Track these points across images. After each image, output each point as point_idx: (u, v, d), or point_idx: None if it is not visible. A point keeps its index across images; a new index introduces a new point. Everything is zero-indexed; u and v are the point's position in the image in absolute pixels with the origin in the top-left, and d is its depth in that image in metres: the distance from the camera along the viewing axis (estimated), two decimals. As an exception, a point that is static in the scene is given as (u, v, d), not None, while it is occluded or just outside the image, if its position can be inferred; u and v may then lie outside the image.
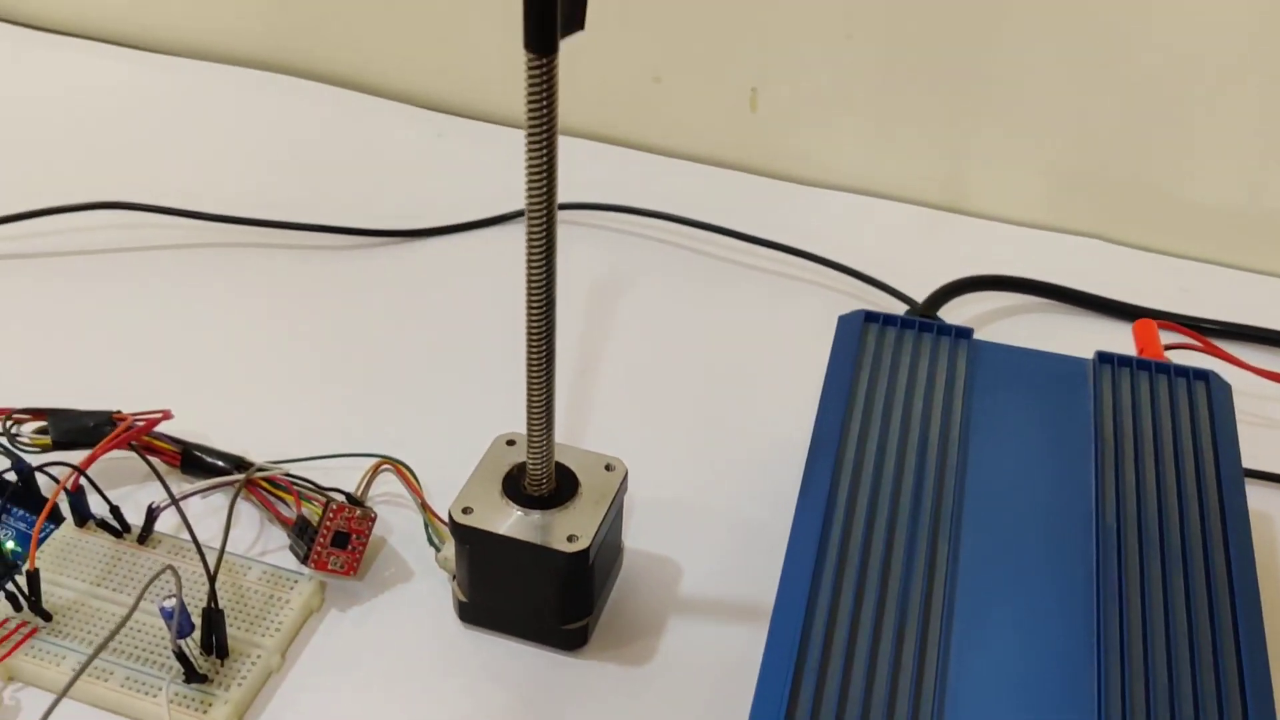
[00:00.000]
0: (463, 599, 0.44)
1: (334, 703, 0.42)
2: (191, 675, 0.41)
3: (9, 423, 0.48)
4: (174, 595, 0.40)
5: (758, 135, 0.68)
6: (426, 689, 0.42)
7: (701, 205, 0.64)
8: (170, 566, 0.40)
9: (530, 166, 0.35)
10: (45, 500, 0.46)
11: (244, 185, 0.65)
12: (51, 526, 0.46)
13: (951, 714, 0.35)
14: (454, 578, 0.44)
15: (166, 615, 0.39)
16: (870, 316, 0.48)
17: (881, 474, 0.42)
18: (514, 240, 0.63)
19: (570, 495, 0.42)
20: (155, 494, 0.46)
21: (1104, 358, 0.47)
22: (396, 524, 0.48)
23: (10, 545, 0.45)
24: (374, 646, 0.44)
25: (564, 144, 0.36)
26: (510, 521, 0.41)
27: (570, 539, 0.41)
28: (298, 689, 0.42)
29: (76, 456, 0.45)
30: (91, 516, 0.46)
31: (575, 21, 0.34)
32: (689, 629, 0.45)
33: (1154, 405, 0.45)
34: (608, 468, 0.44)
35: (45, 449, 0.47)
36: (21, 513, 0.47)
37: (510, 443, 0.44)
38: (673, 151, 0.70)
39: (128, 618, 0.41)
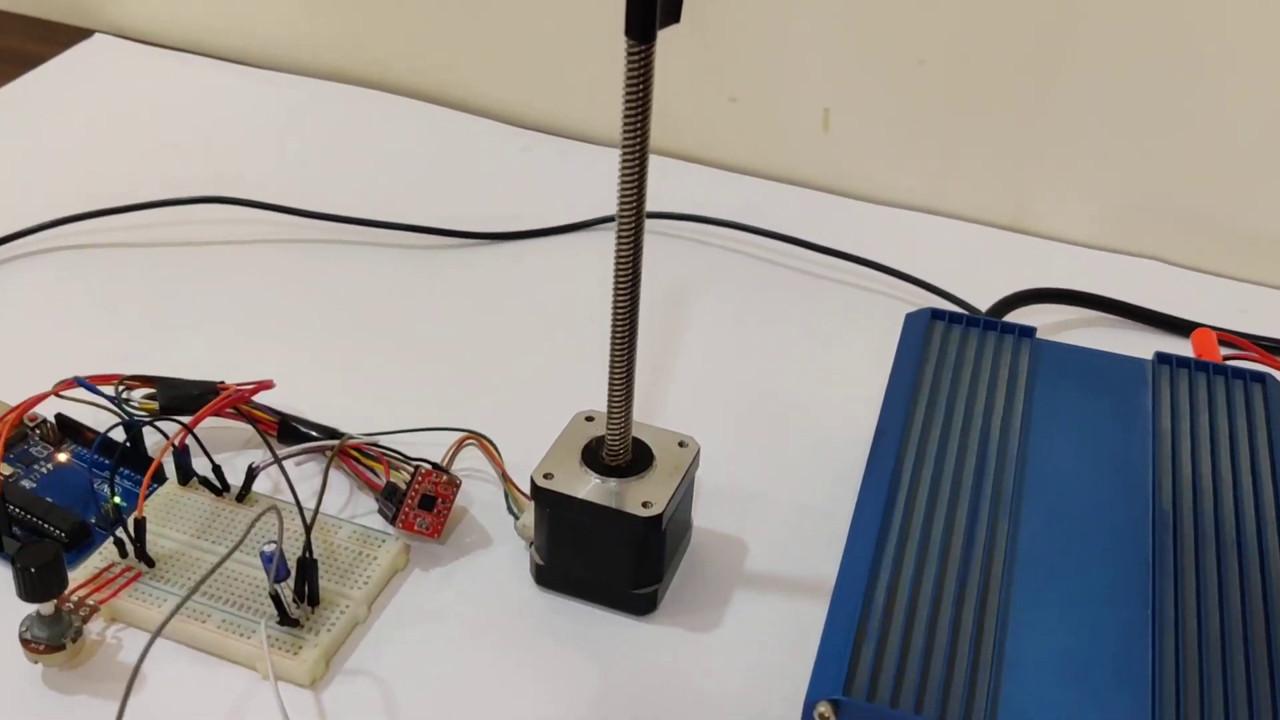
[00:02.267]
0: (540, 563, 0.46)
1: (414, 654, 0.44)
2: (284, 618, 0.43)
3: (120, 388, 0.51)
4: (274, 541, 0.42)
5: (829, 154, 0.71)
6: (503, 646, 0.45)
7: (772, 219, 0.67)
8: (274, 507, 0.43)
9: (625, 146, 0.38)
10: (151, 461, 0.50)
11: (344, 190, 0.69)
12: (156, 486, 0.50)
13: (1008, 687, 0.37)
14: (531, 544, 0.47)
15: (266, 559, 0.42)
16: (936, 314, 0.50)
17: (944, 460, 0.44)
18: (595, 245, 0.67)
19: (645, 467, 0.45)
20: (254, 459, 0.49)
21: (1163, 358, 0.48)
22: (478, 496, 0.51)
23: (118, 500, 0.48)
24: (454, 605, 0.46)
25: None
26: (588, 488, 0.44)
27: (645, 505, 0.43)
28: (381, 640, 0.45)
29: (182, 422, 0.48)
30: (194, 475, 0.49)
31: (672, 14, 0.37)
32: (753, 601, 0.47)
33: (1211, 404, 0.47)
34: (681, 444, 0.46)
35: (153, 415, 0.51)
36: (130, 473, 0.50)
37: (589, 419, 0.47)
38: (746, 169, 0.73)
39: (231, 553, 0.43)
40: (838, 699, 0.35)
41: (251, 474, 0.48)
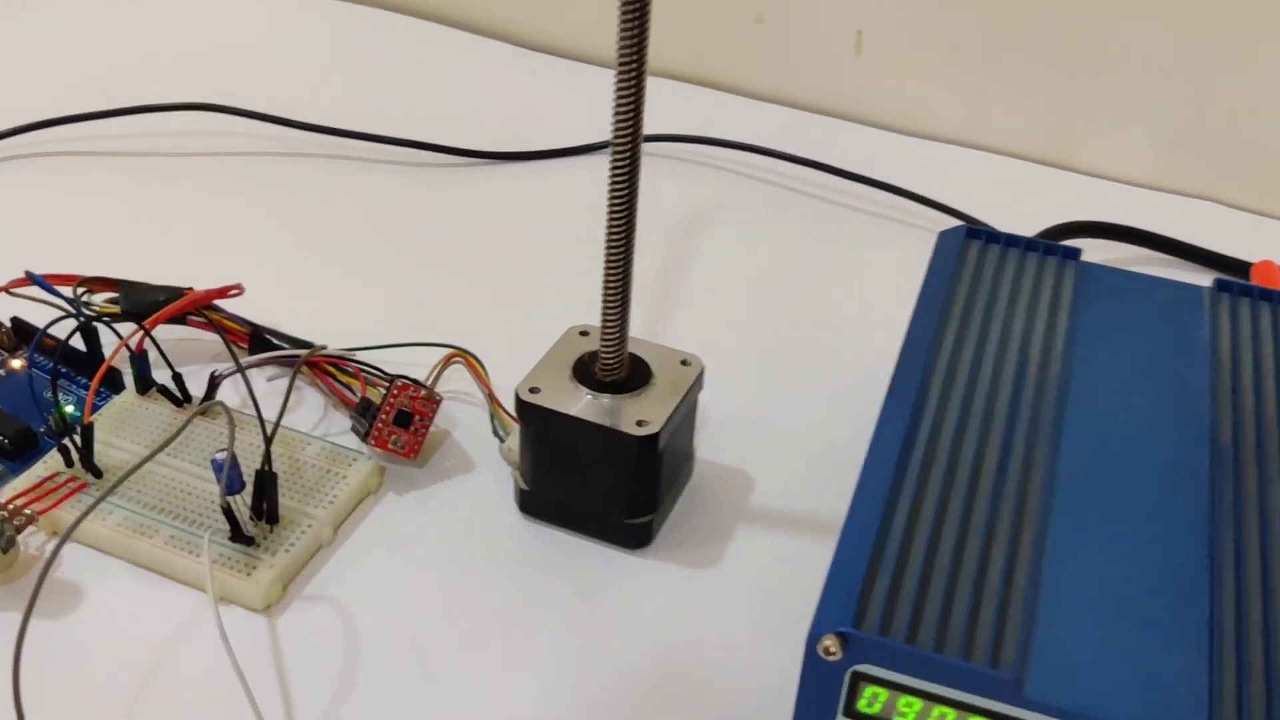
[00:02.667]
0: (524, 488, 0.42)
1: (383, 581, 0.40)
2: (237, 534, 0.39)
3: (80, 290, 0.47)
4: (226, 449, 0.38)
5: (861, 81, 0.66)
6: (480, 577, 0.40)
7: (797, 147, 0.62)
8: (226, 411, 0.38)
9: (622, 36, 0.34)
10: (113, 368, 0.46)
11: (342, 106, 0.65)
12: (111, 394, 0.46)
13: (1043, 626, 0.32)
14: (517, 469, 0.42)
15: (217, 467, 0.38)
16: (973, 232, 0.46)
17: (976, 382, 0.40)
18: (601, 169, 0.62)
19: (642, 384, 0.40)
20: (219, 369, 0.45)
21: (1223, 285, 0.44)
22: (462, 419, 0.46)
23: (70, 409, 0.44)
24: (429, 532, 0.42)
25: (660, 85, 0.35)
26: (579, 404, 0.40)
27: (640, 424, 0.39)
28: (346, 564, 0.41)
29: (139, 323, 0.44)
30: (154, 384, 0.45)
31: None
32: (757, 538, 0.42)
33: (1276, 333, 0.42)
34: (684, 363, 0.42)
35: (115, 319, 0.47)
36: (87, 382, 0.46)
37: (583, 333, 0.43)
38: (772, 97, 0.68)
39: (157, 452, 0.39)
40: (846, 632, 0.31)
41: (214, 382, 0.44)
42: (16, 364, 0.47)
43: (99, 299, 0.47)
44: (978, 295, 0.43)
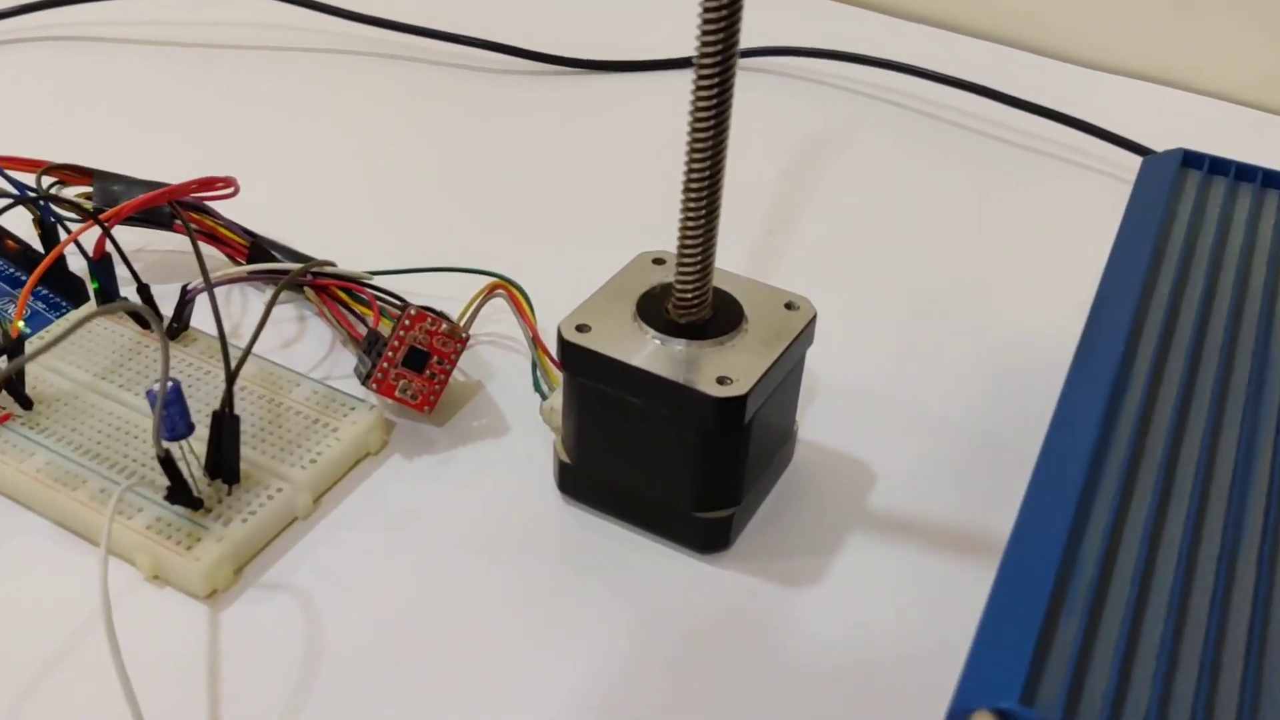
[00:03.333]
0: (566, 461, 0.32)
1: (371, 570, 0.30)
2: (180, 496, 0.29)
3: (52, 182, 0.38)
4: (170, 380, 0.29)
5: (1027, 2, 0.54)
6: (500, 575, 0.30)
7: (945, 71, 0.51)
8: (151, 307, 0.29)
9: None
10: (76, 279, 0.37)
11: (404, 2, 0.55)
12: (68, 306, 0.37)
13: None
14: (560, 436, 0.32)
15: (152, 400, 0.28)
16: (1191, 158, 0.34)
17: (1200, 352, 0.28)
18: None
19: (730, 329, 0.30)
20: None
21: None
22: (502, 369, 0.36)
23: (21, 325, 0.35)
24: (440, 510, 0.32)
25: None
26: (642, 350, 0.29)
27: (722, 381, 0.28)
28: (326, 544, 0.31)
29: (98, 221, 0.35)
30: (119, 299, 0.36)
31: None
32: (873, 552, 0.31)
33: None
34: (789, 306, 0.31)
35: (87, 218, 0.38)
36: (49, 294, 0.38)
37: (658, 261, 0.32)
38: (914, 14, 0.57)
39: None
40: (1010, 711, 0.20)
41: (184, 299, 0.35)
42: (-34, 267, 0.38)
43: (72, 192, 0.38)
44: (1199, 240, 0.31)
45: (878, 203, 0.45)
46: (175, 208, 0.35)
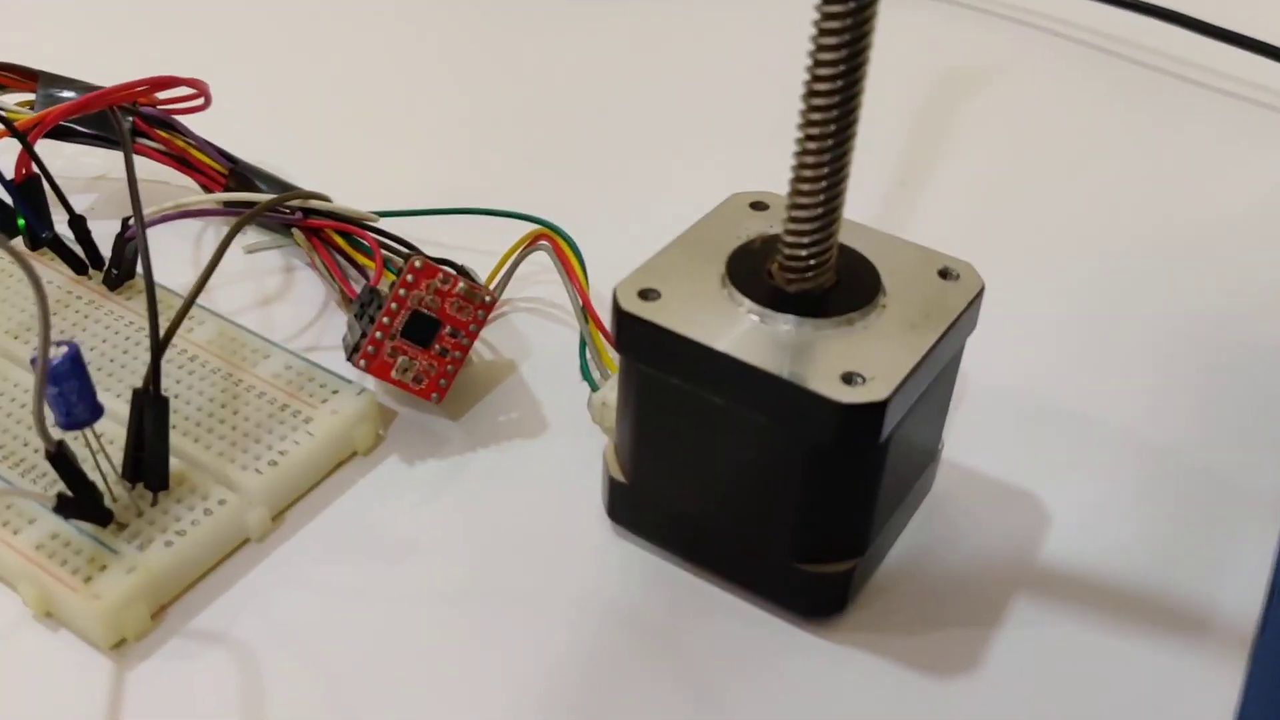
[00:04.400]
0: (619, 476, 0.23)
1: (343, 619, 0.22)
2: (76, 505, 0.21)
3: (-13, 86, 0.30)
4: (65, 342, 0.20)
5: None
6: (522, 632, 0.21)
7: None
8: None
9: None
10: (7, 209, 0.29)
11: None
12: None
13: None
14: (612, 442, 0.23)
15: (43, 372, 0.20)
16: None
17: None
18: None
19: (862, 303, 0.21)
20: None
21: None
22: (541, 345, 0.28)
23: (-67, 266, 0.27)
24: (445, 538, 0.23)
25: None
26: (733, 330, 0.20)
27: (849, 379, 0.19)
28: (283, 580, 0.22)
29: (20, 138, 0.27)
30: (52, 235, 0.28)
31: None
32: (1046, 625, 0.22)
33: None
34: (945, 274, 0.22)
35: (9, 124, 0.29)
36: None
37: (757, 205, 0.23)
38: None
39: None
40: None
41: (123, 238, 0.26)
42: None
43: (11, 100, 0.30)
44: None
45: (1040, 153, 0.36)
46: (114, 114, 0.26)
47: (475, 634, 0.21)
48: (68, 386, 0.20)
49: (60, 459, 0.21)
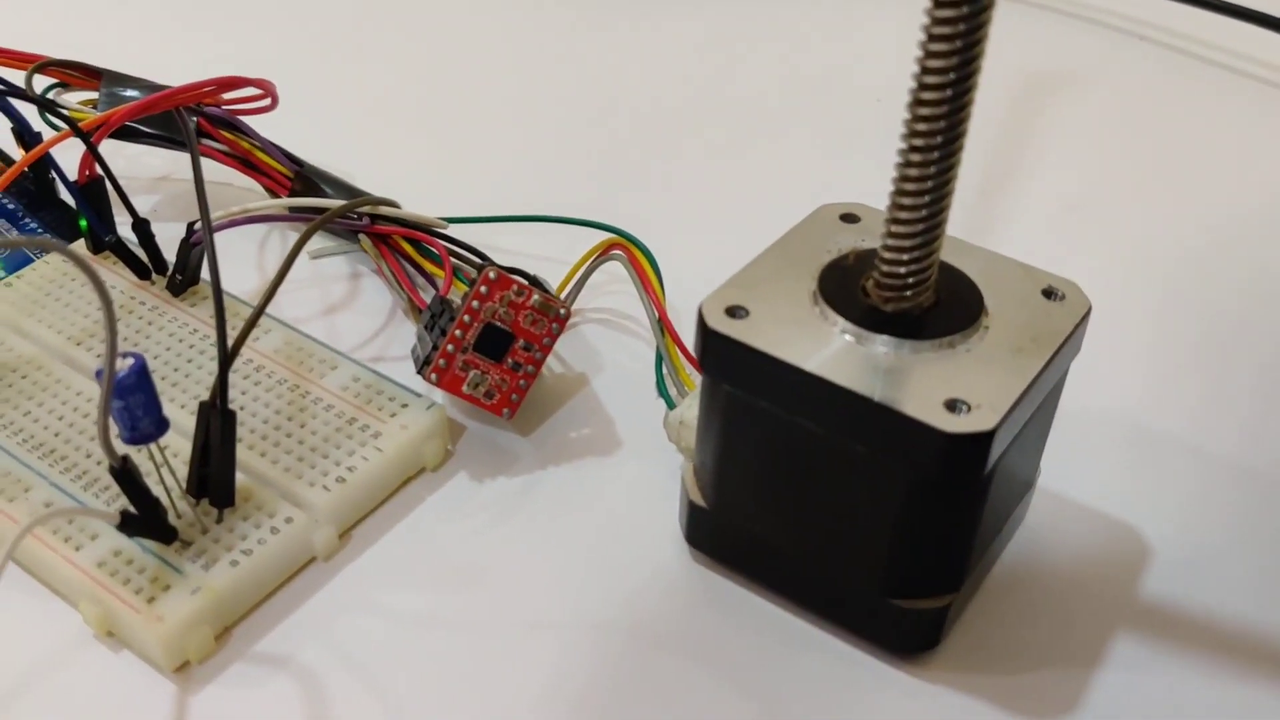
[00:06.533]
0: (698, 501, 0.22)
1: (411, 645, 0.21)
2: (140, 523, 0.20)
3: (47, 82, 0.29)
4: (130, 354, 0.19)
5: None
6: (594, 664, 0.21)
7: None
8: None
9: None
10: (59, 201, 0.28)
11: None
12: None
13: None
14: (692, 465, 0.22)
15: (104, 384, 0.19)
16: None
17: None
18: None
19: (965, 325, 0.19)
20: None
21: None
22: (613, 361, 0.27)
23: (-3, 269, 0.27)
24: (515, 562, 0.22)
25: None
26: (825, 350, 0.19)
27: (953, 406, 0.18)
28: (351, 604, 0.21)
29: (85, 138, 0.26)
30: (115, 239, 0.27)
31: None
32: (1153, 670, 0.21)
33: None
34: (1050, 294, 0.20)
35: (75, 125, 0.29)
36: (38, 228, 0.29)
37: (848, 218, 0.22)
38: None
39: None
40: None
41: (189, 242, 0.25)
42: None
43: (73, 98, 0.30)
44: None
45: (1129, 161, 0.34)
46: (180, 115, 0.25)
47: (544, 664, 0.21)
48: (134, 400, 0.19)
49: (125, 475, 0.20)
